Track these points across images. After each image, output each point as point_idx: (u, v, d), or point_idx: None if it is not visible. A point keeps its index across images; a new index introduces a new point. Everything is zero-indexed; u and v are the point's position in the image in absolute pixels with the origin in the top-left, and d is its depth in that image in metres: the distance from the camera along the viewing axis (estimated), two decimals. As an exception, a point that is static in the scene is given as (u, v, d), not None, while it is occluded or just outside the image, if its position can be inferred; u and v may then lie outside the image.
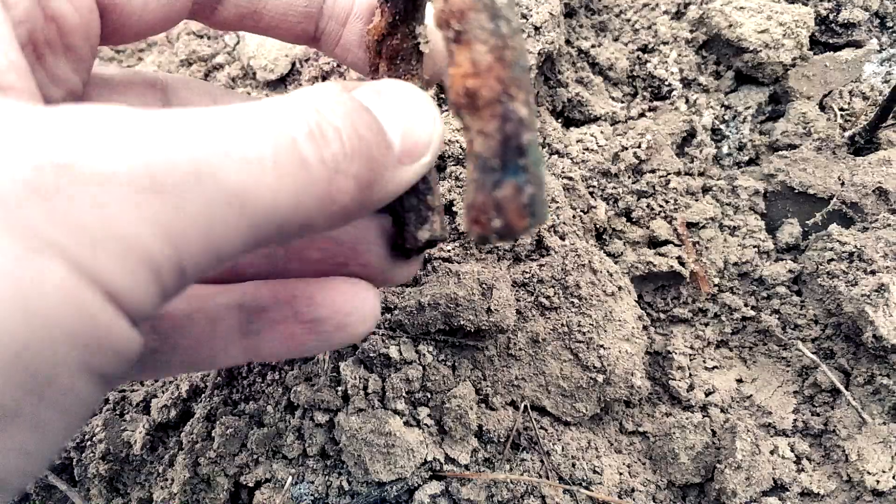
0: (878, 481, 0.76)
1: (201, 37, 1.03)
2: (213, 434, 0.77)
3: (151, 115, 0.33)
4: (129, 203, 0.30)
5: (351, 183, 0.39)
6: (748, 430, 0.79)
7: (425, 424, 0.77)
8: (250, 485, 0.77)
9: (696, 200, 0.90)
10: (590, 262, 0.80)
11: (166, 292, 0.33)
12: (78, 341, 0.29)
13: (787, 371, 0.85)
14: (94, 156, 0.29)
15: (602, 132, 0.91)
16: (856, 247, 0.82)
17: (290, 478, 0.76)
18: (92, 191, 0.29)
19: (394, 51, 0.52)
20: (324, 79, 0.95)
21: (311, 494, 0.77)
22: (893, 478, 0.76)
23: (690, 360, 0.86)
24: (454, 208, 0.82)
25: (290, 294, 0.53)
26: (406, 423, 0.77)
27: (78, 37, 0.47)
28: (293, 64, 0.96)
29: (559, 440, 0.80)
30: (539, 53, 0.84)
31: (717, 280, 0.88)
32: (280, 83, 0.97)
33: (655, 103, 0.96)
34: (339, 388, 0.78)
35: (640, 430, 0.84)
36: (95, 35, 0.49)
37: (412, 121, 0.45)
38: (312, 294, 0.53)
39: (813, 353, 0.84)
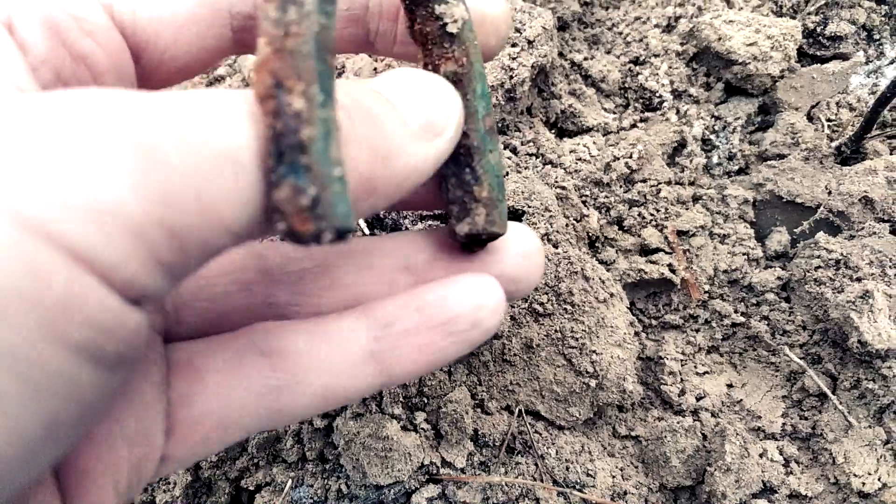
0: (863, 483, 0.78)
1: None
2: (214, 438, 0.79)
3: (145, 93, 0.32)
4: (101, 158, 0.29)
5: (363, 151, 0.39)
6: (737, 434, 0.81)
7: (422, 429, 0.79)
8: (250, 488, 0.78)
9: (687, 209, 0.92)
10: (582, 269, 0.82)
11: (165, 263, 0.31)
12: (36, 305, 0.27)
13: (776, 376, 0.87)
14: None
15: (594, 143, 0.93)
16: (842, 254, 0.84)
17: (290, 481, 0.78)
18: (55, 146, 0.28)
19: (423, 36, 0.51)
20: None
21: (311, 498, 0.78)
22: (879, 480, 0.78)
23: (682, 365, 0.88)
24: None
25: (418, 302, 0.52)
26: (403, 428, 0.78)
27: (111, 77, 0.48)
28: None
29: (553, 444, 0.82)
30: (532, 66, 0.86)
31: (707, 287, 0.90)
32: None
33: (647, 114, 0.98)
34: (338, 394, 0.79)
35: (633, 434, 0.86)
36: (130, 76, 0.50)
37: (425, 98, 0.45)
38: (443, 294, 0.52)
39: (801, 358, 0.86)
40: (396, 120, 0.42)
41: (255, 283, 0.54)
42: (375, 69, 0.95)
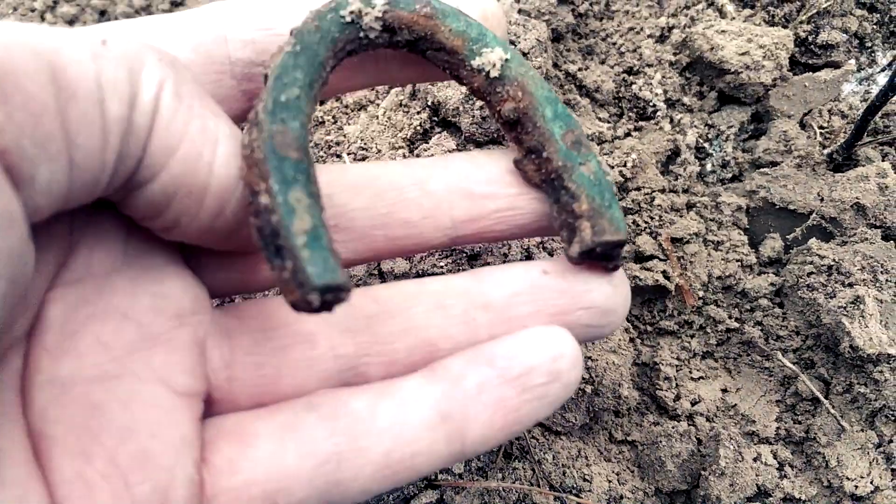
0: (856, 486, 0.79)
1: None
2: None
3: None
4: None
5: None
6: (731, 438, 0.82)
7: (420, 435, 0.80)
8: (252, 494, 0.79)
9: (681, 216, 0.93)
10: (577, 277, 0.83)
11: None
12: None
13: (770, 381, 0.88)
14: None
15: (589, 152, 0.94)
16: (834, 260, 0.85)
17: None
18: None
19: (481, 94, 0.55)
20: (321, 103, 0.98)
21: (311, 503, 0.79)
22: (871, 483, 0.79)
23: (677, 370, 0.89)
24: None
25: (487, 355, 0.49)
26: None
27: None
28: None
29: (550, 449, 0.83)
30: (527, 77, 0.88)
31: (701, 293, 0.91)
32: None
33: (641, 123, 0.99)
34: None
35: (629, 439, 0.87)
36: None
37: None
38: (511, 345, 0.49)
39: (794, 363, 0.87)
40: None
41: (316, 334, 0.50)
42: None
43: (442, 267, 0.82)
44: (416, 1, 0.51)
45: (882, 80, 1.02)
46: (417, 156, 0.88)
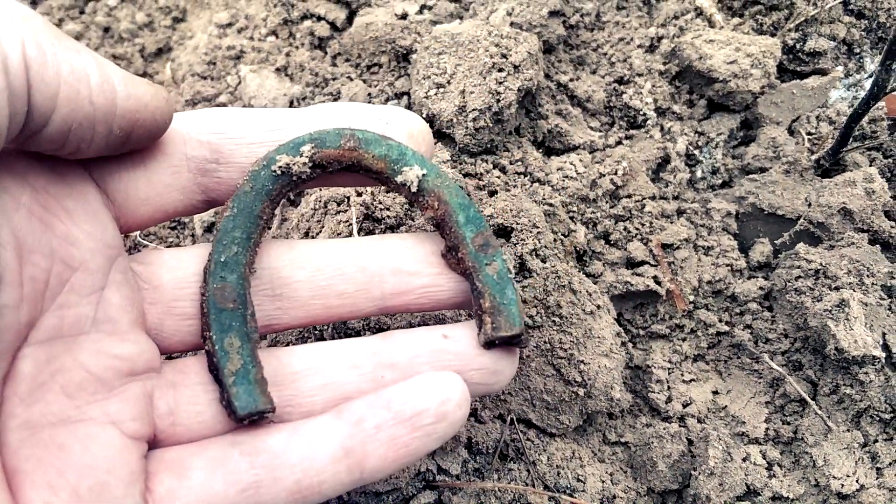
0: (842, 485, 0.81)
1: (205, 77, 1.10)
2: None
3: None
4: None
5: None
6: (720, 439, 0.84)
7: (418, 438, 0.82)
8: (255, 498, 0.81)
9: (671, 223, 0.95)
10: (570, 282, 0.85)
11: None
12: None
13: (760, 383, 0.90)
14: None
15: (581, 160, 0.96)
16: (821, 264, 0.87)
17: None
18: None
19: (410, 202, 0.75)
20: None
21: (312, 506, 0.82)
22: (857, 481, 0.81)
23: (669, 373, 0.91)
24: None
25: (385, 400, 0.57)
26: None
27: (73, 201, 0.55)
28: (291, 102, 1.02)
29: (544, 451, 0.85)
30: (518, 90, 0.90)
31: (692, 297, 0.93)
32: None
33: (631, 132, 1.02)
34: (337, 406, 0.83)
35: (622, 440, 0.89)
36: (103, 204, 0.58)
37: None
38: (406, 391, 0.57)
39: (782, 365, 0.89)
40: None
41: None
42: (370, 94, 1.00)
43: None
44: (341, 136, 0.60)
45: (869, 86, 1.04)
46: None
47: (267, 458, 0.54)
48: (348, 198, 0.89)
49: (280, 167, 0.59)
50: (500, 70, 0.90)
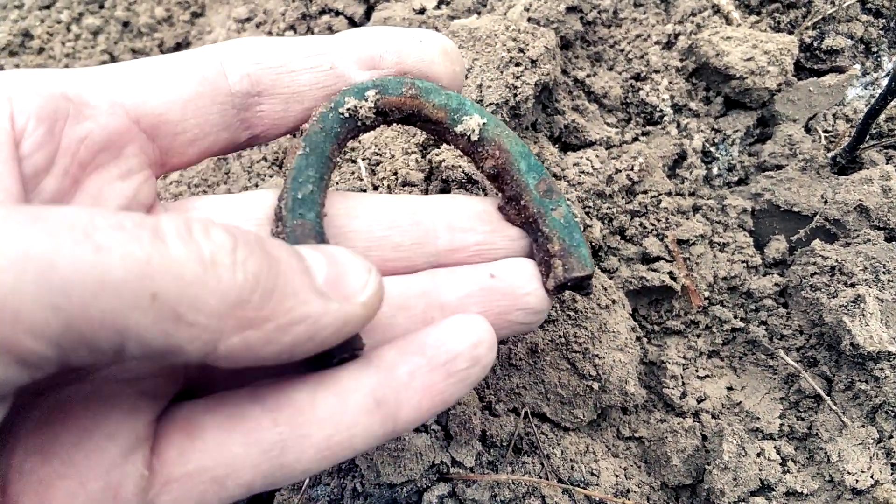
0: (857, 480, 0.81)
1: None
2: (236, 440, 0.83)
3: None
4: None
5: (240, 275, 0.39)
6: (734, 434, 0.84)
7: (433, 430, 0.83)
8: (271, 487, 0.82)
9: (687, 219, 0.95)
10: (585, 277, 0.86)
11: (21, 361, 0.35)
12: None
13: (774, 379, 0.90)
14: None
15: (597, 156, 0.96)
16: (837, 261, 0.87)
17: (308, 480, 0.82)
18: None
19: (469, 154, 0.66)
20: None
21: (327, 496, 0.82)
22: (871, 477, 0.81)
23: (683, 369, 0.91)
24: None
25: (418, 344, 0.53)
26: (415, 429, 0.82)
27: (109, 155, 0.52)
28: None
29: (558, 444, 0.86)
30: (535, 84, 0.90)
31: (707, 294, 0.93)
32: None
33: (648, 128, 1.02)
34: (353, 397, 0.83)
35: (636, 435, 0.89)
36: (147, 152, 0.55)
37: (343, 263, 0.48)
38: (438, 335, 0.54)
39: (797, 361, 0.89)
40: (299, 269, 0.44)
41: None
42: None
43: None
44: (402, 84, 0.60)
45: (886, 83, 1.04)
46: (429, 161, 0.91)
47: (292, 413, 0.49)
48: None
49: (348, 109, 0.59)
50: (518, 64, 0.90)
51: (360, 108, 0.59)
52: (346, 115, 0.59)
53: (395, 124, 0.65)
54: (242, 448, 0.48)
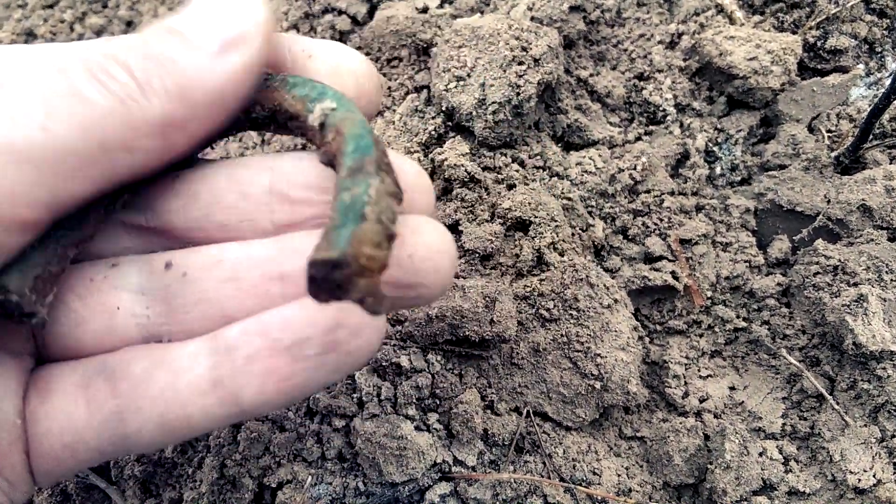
0: (859, 480, 0.80)
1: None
2: (238, 438, 0.83)
3: None
4: None
5: (159, 97, 0.44)
6: (736, 433, 0.84)
7: (435, 429, 0.83)
8: (273, 485, 0.82)
9: (690, 218, 0.95)
10: (587, 276, 0.86)
11: None
12: None
13: (777, 378, 0.90)
14: None
15: (600, 155, 0.97)
16: (840, 261, 0.87)
17: (310, 478, 0.82)
18: None
19: (313, 141, 0.53)
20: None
21: (330, 495, 0.82)
22: (874, 476, 0.81)
23: (686, 369, 0.91)
24: (459, 227, 0.88)
25: (261, 325, 0.48)
26: (417, 428, 0.82)
27: None
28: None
29: (560, 444, 0.86)
30: (538, 83, 0.90)
31: (709, 293, 0.93)
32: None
33: (651, 128, 1.02)
34: (355, 395, 0.83)
35: (639, 434, 0.89)
36: None
37: (219, 16, 0.46)
38: (289, 316, 0.48)
39: (800, 361, 0.89)
40: (184, 54, 0.45)
41: (118, 303, 0.53)
42: (389, 87, 1.00)
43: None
44: (268, 78, 0.52)
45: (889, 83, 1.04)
46: (432, 160, 0.91)
47: (129, 386, 0.49)
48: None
49: None
50: (521, 63, 0.90)
51: None
52: None
53: (264, 130, 0.56)
54: (86, 414, 0.49)
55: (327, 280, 0.41)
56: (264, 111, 0.53)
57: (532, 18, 0.99)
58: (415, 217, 0.50)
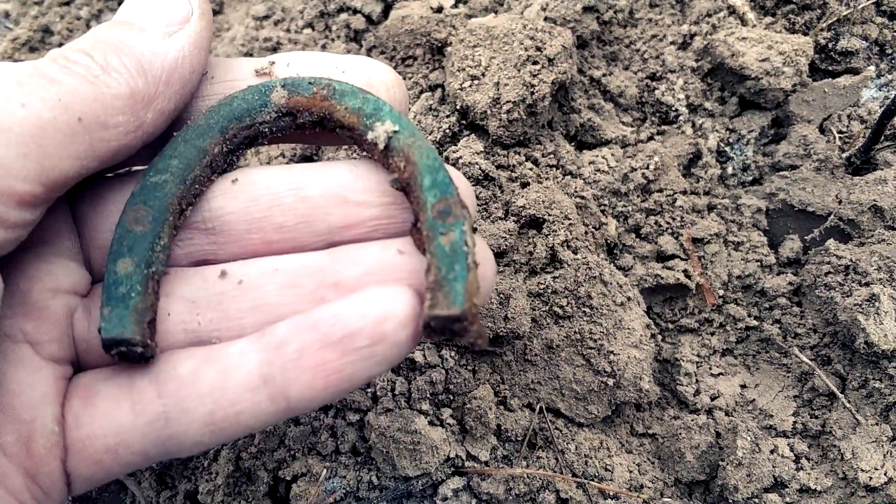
0: (870, 478, 0.81)
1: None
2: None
3: None
4: None
5: (120, 73, 0.49)
6: (748, 430, 0.85)
7: (448, 424, 0.84)
8: (288, 478, 0.83)
9: (702, 218, 0.96)
10: (600, 274, 0.86)
11: None
12: None
13: (788, 377, 0.91)
14: None
15: (613, 154, 0.97)
16: (851, 260, 0.88)
17: (325, 472, 0.82)
18: None
19: (379, 161, 0.57)
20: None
21: (344, 488, 0.83)
22: (885, 474, 0.81)
23: (697, 367, 0.92)
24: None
25: (312, 320, 0.50)
26: (430, 423, 0.83)
27: None
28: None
29: (573, 440, 0.86)
30: (552, 83, 0.91)
31: (721, 292, 0.94)
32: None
33: (663, 127, 1.03)
34: (369, 390, 0.84)
35: (650, 432, 0.90)
36: None
37: (160, 4, 0.53)
38: (338, 310, 0.49)
39: (811, 359, 0.89)
40: (136, 37, 0.51)
41: (168, 311, 0.54)
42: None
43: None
44: (314, 84, 0.56)
45: (901, 85, 1.04)
46: (446, 158, 0.92)
47: (175, 386, 0.50)
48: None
49: (246, 106, 0.55)
50: (535, 63, 0.91)
51: (263, 107, 0.55)
52: (239, 112, 0.55)
53: (307, 132, 0.59)
54: (130, 417, 0.50)
55: (444, 329, 0.48)
56: (312, 117, 0.56)
57: (546, 19, 1.00)
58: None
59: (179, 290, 0.55)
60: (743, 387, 0.92)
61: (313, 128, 0.57)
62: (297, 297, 0.53)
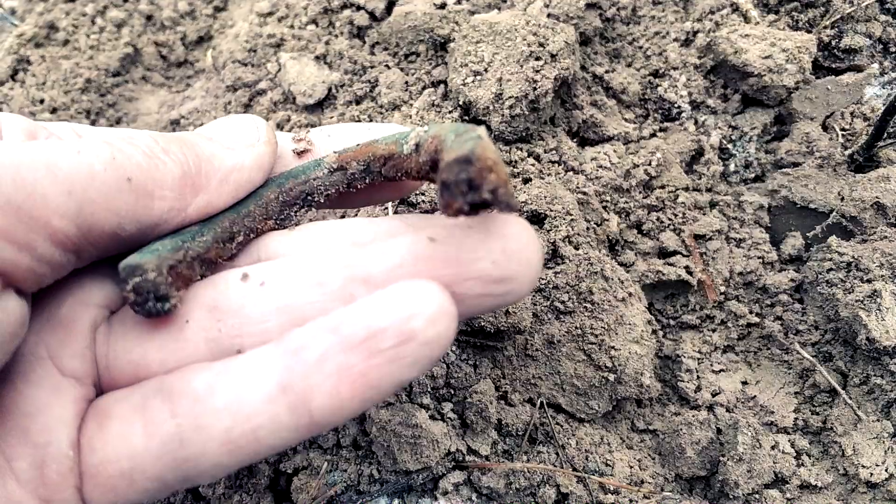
0: (871, 474, 0.81)
1: (245, 64, 1.12)
2: (255, 425, 0.84)
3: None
4: None
5: (177, 157, 0.52)
6: (749, 426, 0.85)
7: (449, 418, 0.84)
8: (289, 471, 0.83)
9: (704, 214, 0.96)
10: (602, 270, 0.87)
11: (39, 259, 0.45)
12: None
13: (789, 373, 0.91)
14: None
15: (615, 151, 0.97)
16: (853, 257, 0.88)
17: (326, 465, 0.83)
18: None
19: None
20: (357, 103, 1.03)
21: (345, 482, 0.83)
22: (886, 470, 0.81)
23: (698, 363, 0.92)
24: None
25: (333, 322, 0.46)
26: (431, 417, 0.83)
27: None
28: (329, 89, 1.04)
29: (573, 435, 0.86)
30: (555, 79, 0.91)
31: (723, 288, 0.94)
32: (317, 107, 1.05)
33: (666, 124, 1.03)
34: (370, 384, 0.84)
35: (651, 428, 0.90)
36: None
37: (233, 129, 0.58)
38: (361, 309, 0.45)
39: (812, 356, 0.89)
40: (201, 141, 0.56)
41: (187, 319, 0.52)
42: (406, 82, 1.01)
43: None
44: (359, 141, 0.61)
45: (904, 83, 1.04)
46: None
47: (189, 402, 0.46)
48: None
49: (305, 175, 0.61)
50: (538, 59, 0.91)
51: (316, 167, 0.61)
52: (300, 172, 0.61)
53: (358, 189, 0.61)
54: (143, 440, 0.47)
55: (459, 182, 0.42)
56: (360, 165, 0.60)
57: (548, 15, 1.00)
58: (502, 214, 0.48)
59: (199, 297, 0.52)
60: (744, 383, 0.92)
61: (363, 179, 0.60)
62: (324, 295, 0.49)
